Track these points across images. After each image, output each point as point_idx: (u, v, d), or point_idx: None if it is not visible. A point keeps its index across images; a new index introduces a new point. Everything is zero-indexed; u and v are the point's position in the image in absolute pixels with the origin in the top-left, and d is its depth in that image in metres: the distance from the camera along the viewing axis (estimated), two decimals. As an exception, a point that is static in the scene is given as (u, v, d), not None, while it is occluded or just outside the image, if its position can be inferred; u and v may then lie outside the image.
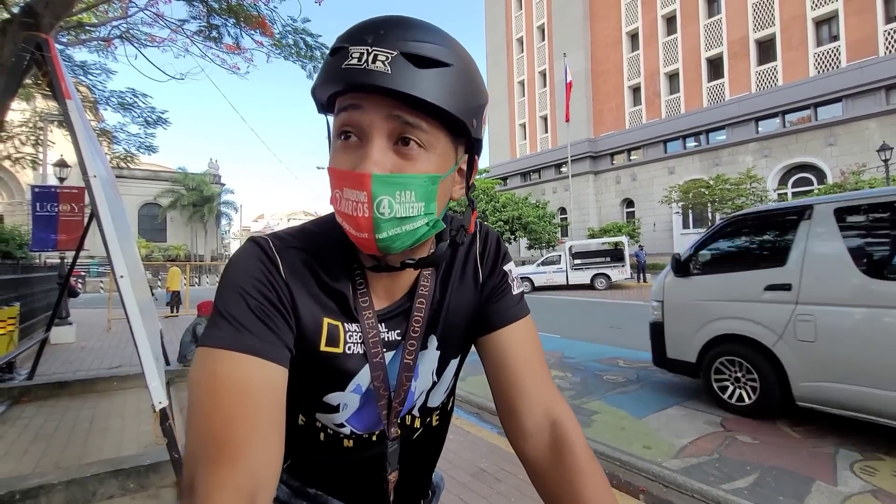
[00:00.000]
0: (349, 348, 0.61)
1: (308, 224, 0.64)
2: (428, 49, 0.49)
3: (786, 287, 3.59)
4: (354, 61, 0.48)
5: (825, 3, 21.15)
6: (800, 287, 3.52)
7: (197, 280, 28.77)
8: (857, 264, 3.25)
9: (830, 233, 3.46)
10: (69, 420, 3.91)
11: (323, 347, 0.59)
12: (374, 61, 0.47)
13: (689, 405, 4.18)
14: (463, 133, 0.55)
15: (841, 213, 3.45)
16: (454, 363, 0.71)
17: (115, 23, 7.69)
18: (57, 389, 4.59)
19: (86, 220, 5.65)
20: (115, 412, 4.14)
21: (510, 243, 27.25)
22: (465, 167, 0.60)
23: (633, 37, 29.57)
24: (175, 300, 12.45)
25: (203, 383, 0.49)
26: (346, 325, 0.61)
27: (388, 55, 0.47)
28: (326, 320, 0.59)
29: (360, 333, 0.61)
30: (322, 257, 0.60)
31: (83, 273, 23.99)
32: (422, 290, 0.65)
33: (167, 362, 4.72)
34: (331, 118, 0.56)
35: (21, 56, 2.11)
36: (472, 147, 0.59)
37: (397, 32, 0.49)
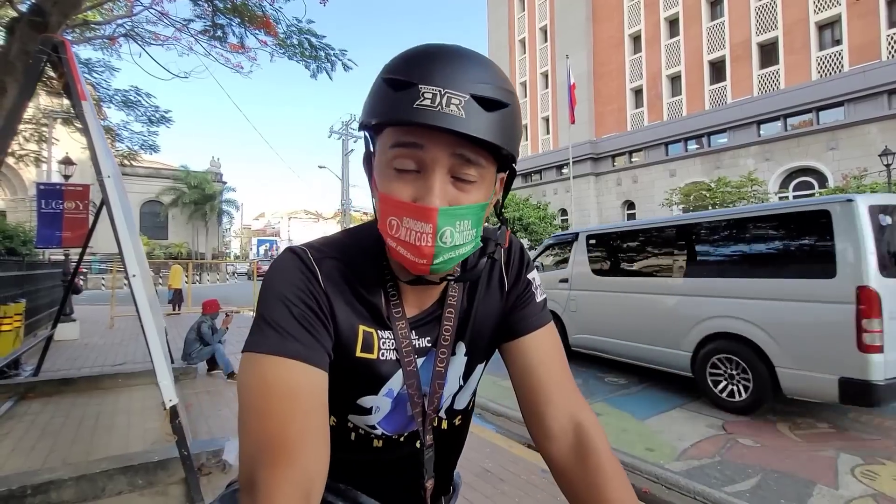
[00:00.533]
0: (382, 354, 0.64)
1: (340, 235, 0.67)
2: (493, 91, 0.52)
3: (566, 280, 6.15)
4: (427, 102, 0.49)
5: (828, 6, 21.17)
6: (571, 280, 6.07)
7: (198, 278, 28.80)
8: (591, 268, 5.83)
9: (582, 250, 6.00)
10: (75, 416, 3.94)
11: (359, 353, 0.62)
12: (447, 104, 0.49)
13: (690, 407, 4.20)
14: (505, 163, 0.59)
15: (588, 238, 6.00)
16: (480, 368, 0.74)
17: (120, 21, 7.73)
18: (62, 386, 4.62)
19: (91, 217, 5.68)
20: (120, 409, 4.17)
21: (511, 244, 27.23)
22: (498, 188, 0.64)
23: (636, 39, 29.58)
24: (177, 298, 12.47)
25: (254, 387, 0.52)
26: (379, 332, 0.64)
27: (461, 99, 0.49)
28: (362, 327, 0.63)
29: (392, 341, 0.65)
30: (356, 268, 0.63)
31: (85, 270, 24.01)
32: (451, 299, 0.69)
33: (171, 360, 4.74)
34: (378, 140, 0.57)
35: (38, 58, 2.14)
36: (507, 171, 0.62)
37: (466, 74, 0.51)
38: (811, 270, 3.65)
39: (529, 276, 0.75)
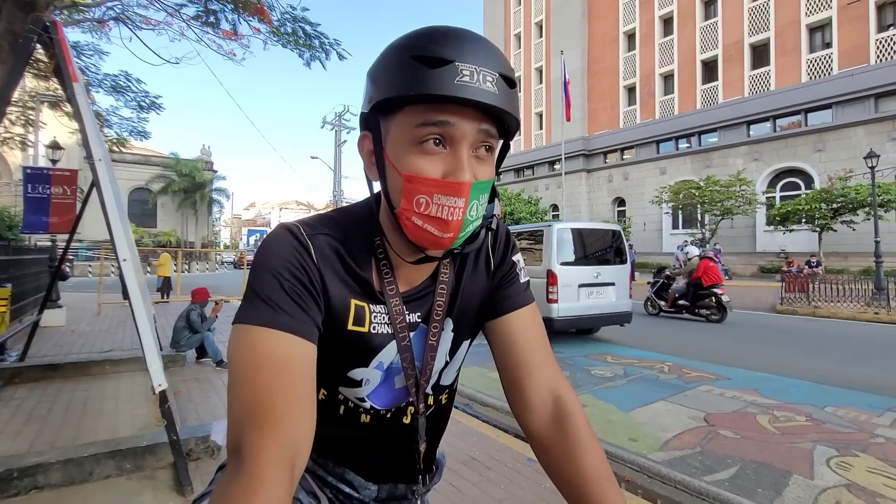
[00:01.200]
0: (374, 328, 0.66)
1: (332, 213, 0.69)
2: (510, 71, 0.56)
3: None
4: (467, 78, 0.52)
5: (819, 9, 21.40)
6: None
7: (187, 267, 28.50)
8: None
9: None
10: (62, 402, 3.92)
11: (350, 326, 0.65)
12: (484, 81, 0.53)
13: (674, 400, 4.29)
14: (502, 136, 0.62)
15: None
16: (465, 345, 0.77)
17: (110, 4, 7.57)
18: (49, 371, 4.58)
19: (78, 203, 5.60)
20: (108, 395, 4.15)
21: (502, 239, 27.31)
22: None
23: (630, 36, 29.67)
24: (166, 286, 12.36)
25: (245, 357, 0.53)
26: (371, 306, 0.66)
27: (493, 76, 0.54)
28: (354, 301, 0.65)
29: (384, 315, 0.67)
30: (348, 244, 0.65)
31: (71, 257, 23.63)
32: (443, 276, 0.71)
33: (160, 347, 4.72)
34: (390, 121, 0.58)
35: (28, 38, 2.11)
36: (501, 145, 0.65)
37: (492, 54, 0.55)
38: (535, 260, 6.96)
39: (514, 258, 0.78)
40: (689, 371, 5.34)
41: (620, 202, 29.86)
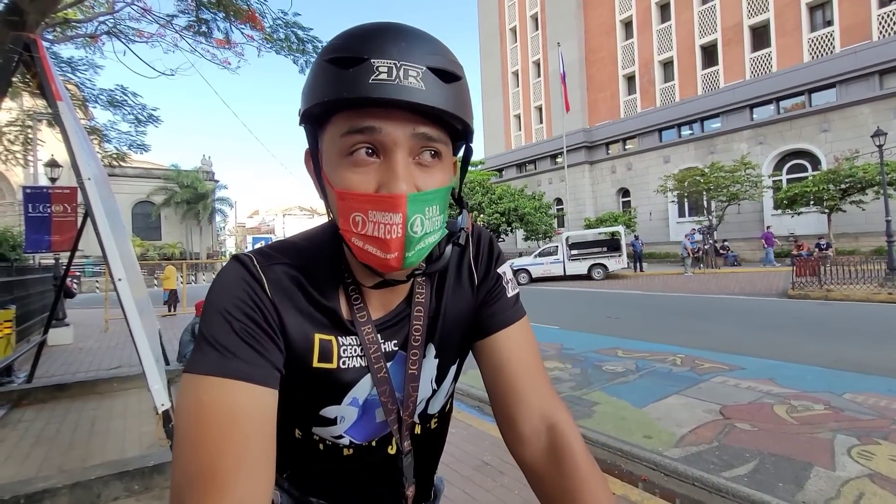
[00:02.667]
0: (343, 363, 0.60)
1: (295, 238, 0.63)
2: (447, 63, 0.49)
3: None
4: (384, 76, 0.46)
5: (819, -13, 21.08)
6: None
7: (193, 278, 28.66)
8: None
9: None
10: (70, 422, 3.91)
11: (316, 363, 0.58)
12: (406, 77, 0.46)
13: (688, 394, 4.22)
14: (460, 139, 0.56)
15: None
16: (453, 369, 0.70)
17: (101, 18, 7.56)
18: (57, 392, 4.58)
19: (79, 220, 5.60)
20: (116, 413, 4.14)
21: (507, 235, 27.25)
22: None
23: (627, 24, 29.40)
24: (172, 299, 12.41)
25: (189, 412, 0.48)
26: (340, 338, 0.60)
27: (419, 70, 0.47)
28: (318, 336, 0.58)
29: (355, 347, 0.60)
30: (311, 272, 0.58)
31: (78, 273, 23.82)
32: (418, 297, 0.64)
33: (167, 362, 4.71)
34: (323, 133, 0.53)
35: (10, 57, 2.07)
36: (464, 150, 0.59)
37: (419, 46, 0.48)
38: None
39: (500, 269, 0.70)
40: (702, 362, 5.25)
41: (625, 193, 29.64)
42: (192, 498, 0.44)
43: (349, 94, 0.46)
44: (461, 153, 0.60)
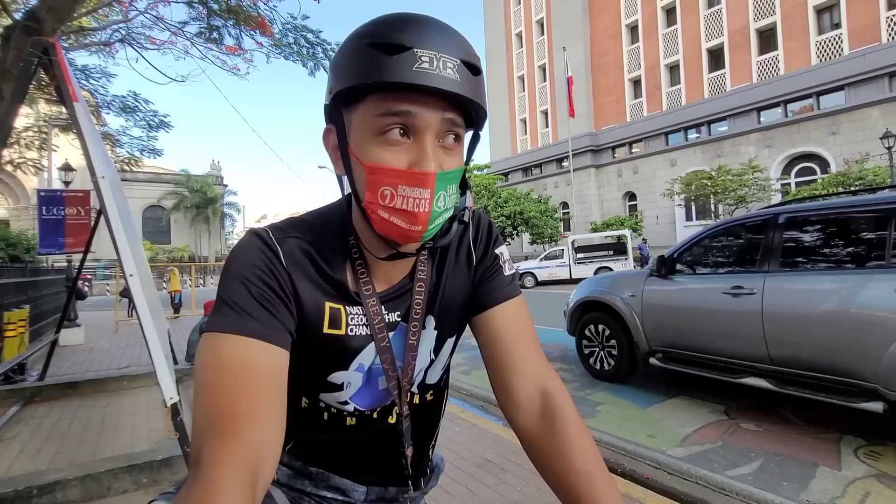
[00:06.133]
0: (351, 330, 0.64)
1: (305, 216, 0.67)
2: (474, 58, 0.55)
3: None
4: (426, 65, 0.50)
5: (826, -10, 20.99)
6: None
7: (202, 281, 28.92)
8: None
9: None
10: (81, 419, 3.98)
11: (326, 330, 0.62)
12: (444, 68, 0.51)
13: (693, 395, 4.20)
14: (471, 126, 0.60)
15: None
16: (450, 342, 0.74)
17: (116, 26, 7.74)
18: (68, 389, 4.66)
19: (92, 222, 5.71)
20: (126, 411, 4.20)
21: (512, 238, 27.25)
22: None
23: (633, 29, 29.43)
24: (177, 301, 12.52)
25: (209, 365, 0.52)
26: (347, 307, 0.64)
27: (455, 63, 0.52)
28: (328, 304, 0.63)
29: (361, 316, 0.65)
30: (320, 246, 0.63)
31: (89, 276, 24.15)
32: (420, 273, 0.69)
33: (175, 361, 4.78)
34: (352, 112, 0.56)
35: (29, 61, 2.15)
36: (471, 136, 0.63)
37: (454, 40, 0.53)
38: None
39: (497, 250, 0.75)
40: (708, 364, 5.22)
41: (631, 196, 29.55)
42: (212, 438, 0.47)
43: (394, 78, 0.50)
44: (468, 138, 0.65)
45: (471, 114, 0.57)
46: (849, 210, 3.33)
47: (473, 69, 0.54)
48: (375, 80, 0.51)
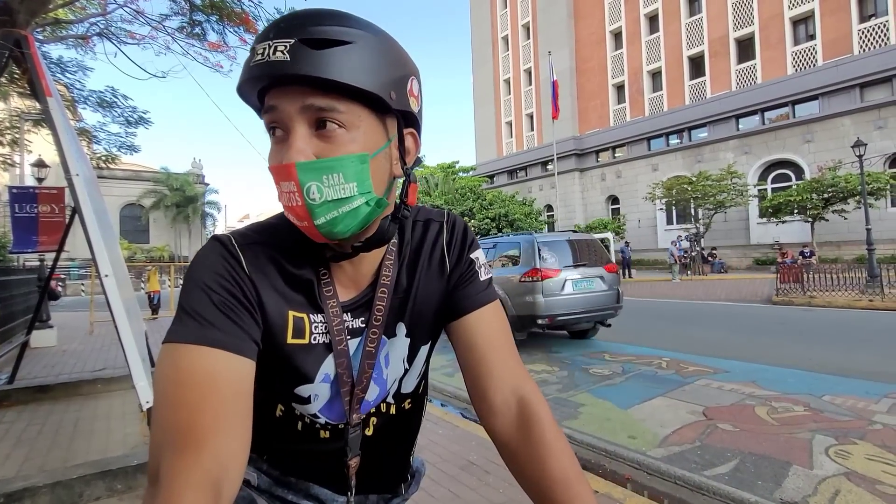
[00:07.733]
0: (314, 339, 0.62)
1: (272, 218, 0.65)
2: (326, 31, 0.51)
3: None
4: (258, 57, 0.50)
5: (802, 2, 21.63)
6: None
7: (181, 281, 28.30)
8: None
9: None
10: (52, 424, 3.85)
11: (290, 340, 0.60)
12: (274, 53, 0.49)
13: (672, 396, 4.27)
14: (386, 108, 0.55)
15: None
16: (424, 349, 0.72)
17: (93, 19, 7.53)
18: (38, 393, 4.51)
19: (67, 220, 5.54)
20: (100, 415, 4.08)
21: (497, 241, 27.33)
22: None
23: (617, 35, 29.89)
24: (154, 302, 12.26)
25: (169, 376, 0.49)
26: (311, 315, 0.62)
27: (287, 44, 0.49)
28: (292, 313, 0.60)
29: (325, 324, 0.62)
30: (285, 251, 0.61)
31: (63, 276, 23.45)
32: (384, 279, 0.66)
33: (152, 364, 4.66)
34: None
35: (0, 53, 2.08)
36: (405, 121, 0.60)
37: (296, 23, 0.51)
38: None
39: (472, 255, 0.73)
40: (687, 365, 5.32)
41: (614, 200, 29.97)
42: (172, 452, 0.45)
43: (239, 81, 0.53)
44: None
45: (370, 93, 0.52)
46: (506, 241, 7.61)
47: (317, 43, 0.50)
48: (237, 88, 0.55)
